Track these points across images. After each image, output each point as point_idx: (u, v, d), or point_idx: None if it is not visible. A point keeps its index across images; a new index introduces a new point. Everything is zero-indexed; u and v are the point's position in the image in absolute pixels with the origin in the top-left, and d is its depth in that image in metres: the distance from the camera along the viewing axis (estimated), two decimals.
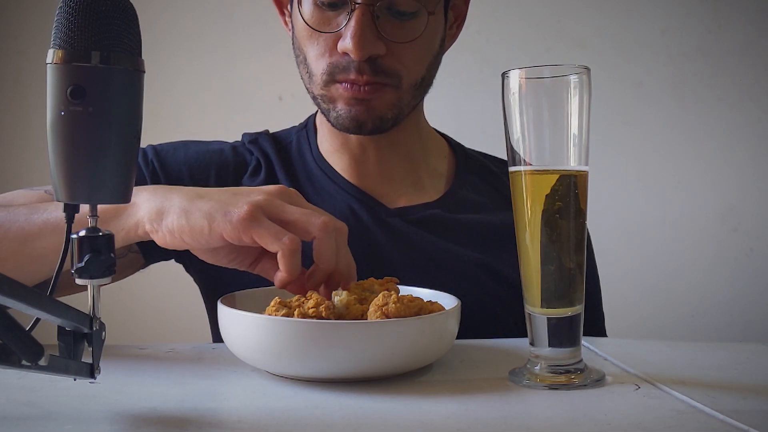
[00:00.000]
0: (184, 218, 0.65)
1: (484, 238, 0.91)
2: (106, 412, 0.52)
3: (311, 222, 0.65)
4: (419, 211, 0.91)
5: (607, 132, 2.04)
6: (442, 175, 0.97)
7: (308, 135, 0.97)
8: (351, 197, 0.91)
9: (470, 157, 1.00)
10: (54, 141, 0.48)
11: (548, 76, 0.59)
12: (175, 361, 0.68)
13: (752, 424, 0.48)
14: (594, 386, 0.58)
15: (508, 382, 0.60)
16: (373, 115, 0.84)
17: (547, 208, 0.60)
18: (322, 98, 0.86)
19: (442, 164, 0.98)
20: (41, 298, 0.43)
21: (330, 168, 0.93)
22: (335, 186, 0.91)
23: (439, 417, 0.51)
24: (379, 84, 0.83)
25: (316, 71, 0.84)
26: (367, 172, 0.92)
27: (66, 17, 0.47)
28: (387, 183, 0.93)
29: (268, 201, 0.65)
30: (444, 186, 0.95)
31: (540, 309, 0.60)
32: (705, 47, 2.06)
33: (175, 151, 0.93)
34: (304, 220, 0.65)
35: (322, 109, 0.87)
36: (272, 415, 0.52)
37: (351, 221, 0.87)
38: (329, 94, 0.85)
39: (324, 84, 0.84)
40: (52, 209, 0.72)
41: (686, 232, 2.06)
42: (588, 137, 0.60)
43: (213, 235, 0.65)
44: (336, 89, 0.84)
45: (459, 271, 0.88)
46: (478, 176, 0.98)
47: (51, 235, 0.70)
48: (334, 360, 0.57)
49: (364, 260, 0.83)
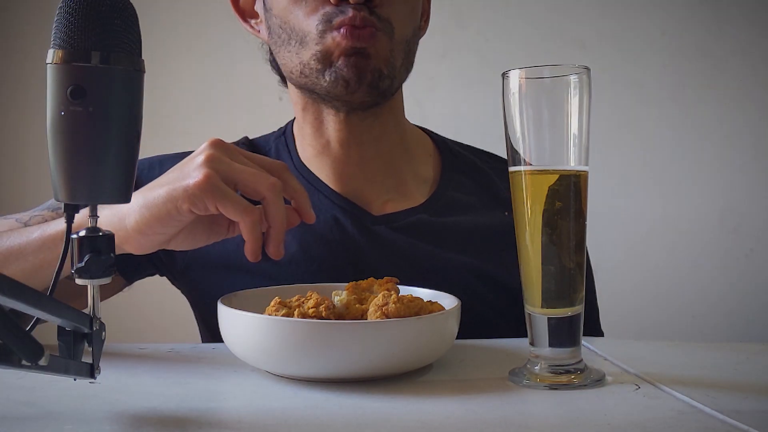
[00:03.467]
0: (146, 211, 0.65)
1: (473, 241, 0.89)
2: (105, 412, 0.52)
3: (260, 183, 0.65)
4: (405, 217, 0.89)
5: (607, 132, 2.04)
6: (427, 176, 0.94)
7: (287, 142, 0.95)
8: (335, 206, 0.88)
9: (456, 155, 0.98)
10: (54, 141, 0.48)
11: (548, 76, 0.59)
12: (175, 361, 0.68)
13: (752, 424, 0.48)
14: (594, 386, 0.58)
15: (508, 382, 0.60)
16: (370, 66, 0.82)
17: (547, 208, 0.60)
18: (316, 57, 0.82)
19: (426, 164, 0.96)
20: (41, 298, 0.43)
21: (312, 175, 0.91)
22: (318, 194, 0.89)
23: (439, 417, 0.51)
24: (374, 29, 0.81)
25: (309, 29, 0.82)
26: (349, 176, 0.90)
27: (66, 17, 0.47)
28: (370, 187, 0.90)
29: (215, 159, 0.65)
30: (430, 188, 0.93)
31: (540, 309, 0.60)
32: (705, 47, 2.06)
33: (150, 169, 0.90)
34: (253, 180, 0.65)
35: (315, 76, 0.83)
36: (272, 415, 0.52)
37: (336, 232, 0.86)
38: (325, 48, 0.81)
39: (319, 36, 0.81)
40: (15, 237, 0.73)
41: (686, 232, 2.06)
42: (588, 137, 0.60)
43: (181, 213, 0.64)
44: (333, 38, 0.80)
45: (448, 277, 0.85)
46: (465, 174, 0.96)
47: (15, 262, 0.71)
48: (334, 360, 0.57)
49: (351, 270, 0.82)
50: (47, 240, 0.71)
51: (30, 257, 0.71)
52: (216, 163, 0.64)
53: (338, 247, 0.86)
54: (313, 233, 0.86)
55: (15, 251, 0.72)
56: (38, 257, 0.71)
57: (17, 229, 0.76)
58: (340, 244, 0.86)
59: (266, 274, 0.82)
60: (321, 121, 0.89)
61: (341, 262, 0.85)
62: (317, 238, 0.85)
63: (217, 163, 0.65)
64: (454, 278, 0.85)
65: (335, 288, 0.68)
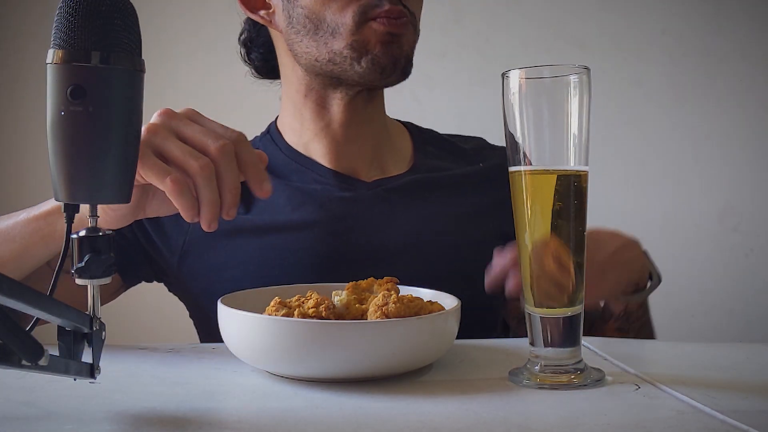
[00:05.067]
0: None
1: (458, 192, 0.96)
2: (105, 412, 0.52)
3: (207, 143, 0.63)
4: (395, 180, 0.95)
5: (607, 132, 2.04)
6: (405, 150, 1.01)
7: (273, 138, 0.98)
8: (330, 180, 0.93)
9: (423, 131, 1.05)
10: (54, 141, 0.48)
11: (548, 76, 0.59)
12: (176, 360, 0.68)
13: (752, 424, 0.48)
14: (594, 386, 0.58)
15: (508, 382, 0.60)
16: (403, 53, 0.88)
17: (547, 208, 0.59)
18: (351, 47, 0.86)
19: (402, 140, 1.02)
20: (41, 298, 0.43)
21: (303, 157, 0.95)
22: (312, 173, 0.93)
23: (439, 417, 0.51)
24: (406, 18, 0.87)
25: (344, 20, 0.86)
26: (344, 154, 0.95)
27: (66, 17, 0.47)
28: (362, 163, 0.95)
29: (152, 129, 0.62)
30: (409, 160, 0.99)
31: (540, 309, 0.60)
32: (705, 47, 2.06)
33: None
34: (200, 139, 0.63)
35: (348, 63, 0.87)
36: (272, 415, 0.52)
37: (334, 201, 0.90)
38: (362, 38, 0.86)
39: (356, 27, 0.86)
40: (2, 221, 0.75)
41: (686, 232, 2.06)
42: (588, 137, 0.60)
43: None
44: (369, 28, 0.86)
45: (439, 227, 0.92)
46: (434, 145, 1.02)
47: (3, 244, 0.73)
48: (335, 360, 0.57)
49: (352, 234, 0.89)
50: (32, 220, 0.73)
51: (18, 239, 0.73)
52: (151, 135, 0.62)
53: (337, 216, 0.90)
54: (312, 205, 0.90)
55: (2, 233, 0.74)
56: (26, 239, 0.73)
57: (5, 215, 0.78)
58: (338, 212, 0.90)
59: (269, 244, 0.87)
60: (323, 105, 0.94)
61: (342, 228, 0.89)
62: (316, 209, 0.90)
63: (152, 136, 0.62)
64: (447, 227, 0.92)
65: (335, 288, 0.68)
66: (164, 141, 0.62)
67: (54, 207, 0.72)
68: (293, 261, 0.87)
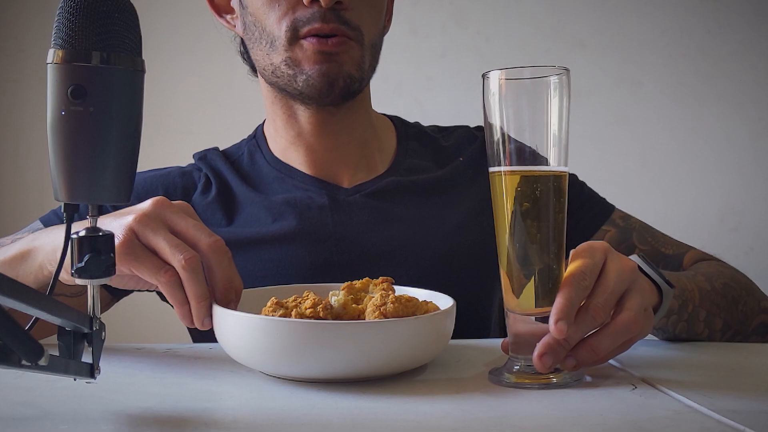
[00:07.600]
0: None
1: (436, 193, 0.95)
2: (102, 412, 0.52)
3: (173, 258, 0.61)
4: (373, 184, 0.93)
5: (606, 132, 2.04)
6: (389, 147, 0.99)
7: (258, 143, 0.98)
8: (309, 188, 0.92)
9: (408, 126, 1.03)
10: (54, 141, 0.48)
11: (528, 78, 0.59)
12: (173, 361, 0.68)
13: (749, 424, 0.48)
14: (590, 386, 0.59)
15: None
16: (342, 72, 0.84)
17: (528, 208, 0.59)
18: (286, 63, 0.84)
19: (388, 137, 1.00)
20: (41, 298, 0.44)
21: (285, 165, 0.94)
22: (293, 181, 0.93)
23: (434, 417, 0.52)
24: (344, 37, 0.83)
25: (279, 33, 0.84)
26: (323, 162, 0.94)
27: (66, 17, 0.48)
28: (344, 169, 0.94)
29: (142, 222, 0.62)
30: (391, 157, 0.98)
31: (520, 309, 0.60)
32: (705, 47, 2.06)
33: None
34: (166, 254, 0.61)
35: (287, 79, 0.86)
36: (268, 415, 0.52)
37: (313, 209, 0.90)
38: (294, 55, 0.84)
39: (288, 43, 0.83)
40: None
41: (686, 231, 2.04)
42: (567, 138, 0.60)
43: None
44: (301, 47, 0.83)
45: (418, 229, 0.91)
46: (417, 141, 1.01)
47: None
48: (332, 360, 0.57)
49: (332, 242, 0.88)
50: (16, 256, 0.70)
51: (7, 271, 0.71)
52: (141, 226, 0.62)
53: (317, 222, 0.89)
54: (291, 215, 0.89)
55: None
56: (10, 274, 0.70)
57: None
58: (318, 219, 0.90)
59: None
60: (291, 114, 0.92)
61: (323, 234, 0.89)
62: (296, 219, 0.89)
63: (142, 227, 0.62)
64: (425, 229, 0.91)
65: (332, 288, 0.68)
66: (154, 233, 0.62)
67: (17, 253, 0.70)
68: (275, 272, 0.86)
